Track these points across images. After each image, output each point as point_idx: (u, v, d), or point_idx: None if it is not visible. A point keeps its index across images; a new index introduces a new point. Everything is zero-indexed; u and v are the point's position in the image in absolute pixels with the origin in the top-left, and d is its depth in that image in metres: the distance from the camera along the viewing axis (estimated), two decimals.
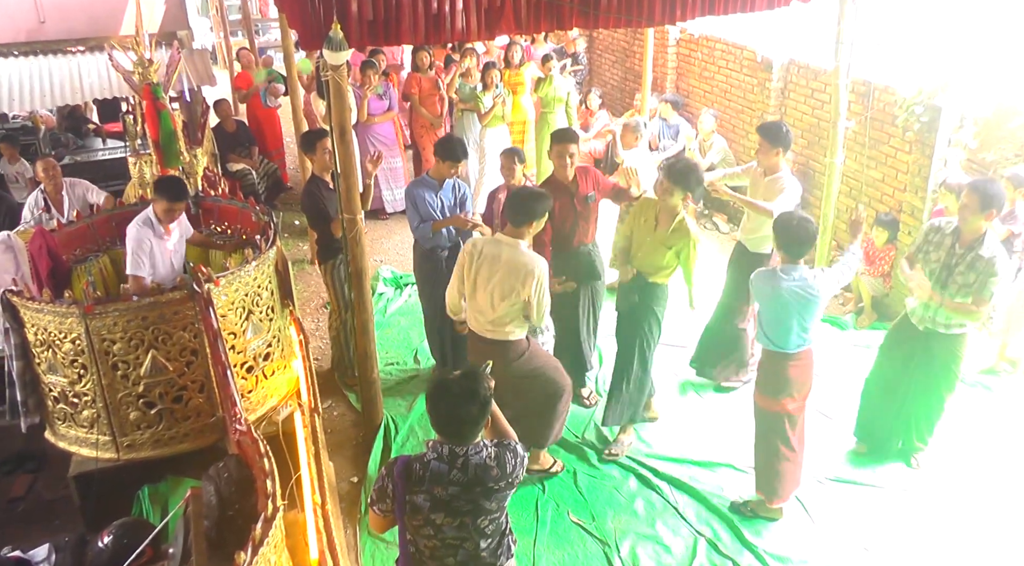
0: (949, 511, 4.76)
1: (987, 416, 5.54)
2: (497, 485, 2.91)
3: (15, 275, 4.65)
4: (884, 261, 6.76)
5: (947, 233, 4.59)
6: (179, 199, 4.64)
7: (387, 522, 3.09)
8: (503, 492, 2.95)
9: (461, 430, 2.89)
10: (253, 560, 2.30)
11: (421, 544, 3.01)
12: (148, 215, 4.65)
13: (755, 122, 8.69)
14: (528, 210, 4.36)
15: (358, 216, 4.90)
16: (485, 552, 3.03)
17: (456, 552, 3.00)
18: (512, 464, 2.94)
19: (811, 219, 4.30)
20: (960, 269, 4.49)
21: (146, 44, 5.08)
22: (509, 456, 2.95)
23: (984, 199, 4.31)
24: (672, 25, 8.96)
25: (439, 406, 2.89)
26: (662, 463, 5.18)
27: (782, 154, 5.41)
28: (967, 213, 4.40)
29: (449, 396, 2.88)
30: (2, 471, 5.01)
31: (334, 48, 4.24)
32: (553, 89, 8.87)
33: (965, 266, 4.46)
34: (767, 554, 4.45)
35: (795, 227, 4.21)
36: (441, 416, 2.90)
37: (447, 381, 2.92)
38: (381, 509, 3.01)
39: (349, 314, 5.58)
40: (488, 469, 2.89)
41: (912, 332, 4.80)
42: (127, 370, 3.82)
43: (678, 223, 4.82)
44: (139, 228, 4.63)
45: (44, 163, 6.36)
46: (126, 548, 3.15)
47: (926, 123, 6.24)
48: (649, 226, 4.93)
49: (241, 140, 9.41)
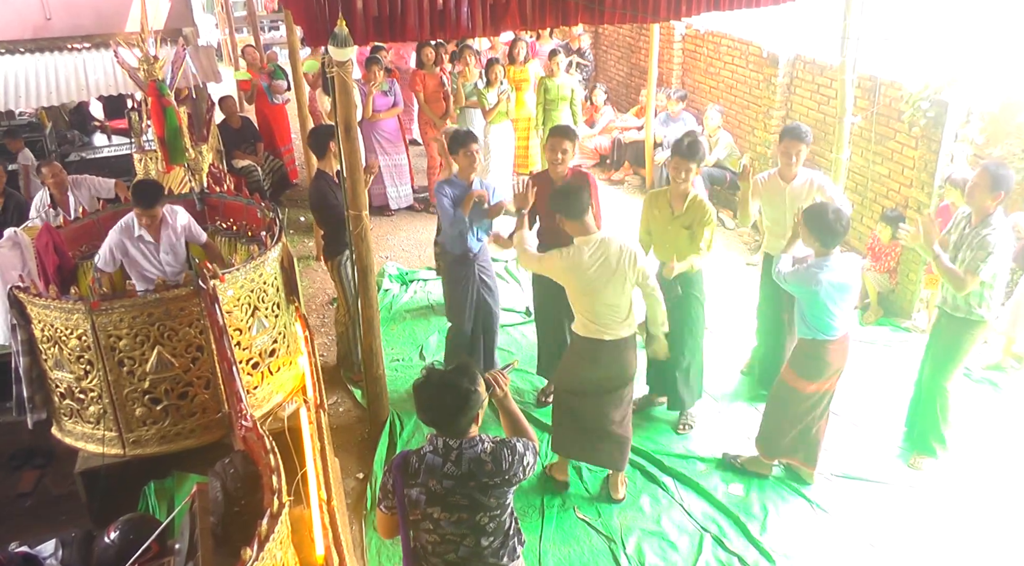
0: (955, 507, 4.75)
1: (993, 412, 5.53)
2: (492, 480, 2.89)
3: (22, 271, 4.68)
4: (890, 257, 6.74)
5: (963, 216, 4.76)
6: (150, 205, 4.64)
7: (394, 522, 3.07)
8: (500, 489, 2.93)
9: (440, 420, 2.90)
10: (259, 556, 2.30)
11: (423, 539, 3.02)
12: (129, 219, 4.71)
13: (761, 118, 8.68)
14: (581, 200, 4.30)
15: (363, 212, 4.90)
16: (487, 551, 3.01)
17: (457, 548, 2.99)
18: (510, 461, 2.92)
19: (844, 211, 4.38)
20: (963, 247, 4.60)
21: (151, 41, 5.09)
22: (507, 453, 2.93)
23: (995, 179, 4.44)
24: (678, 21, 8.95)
25: (420, 396, 2.93)
26: (668, 459, 5.18)
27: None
28: (976, 191, 4.53)
29: (429, 387, 2.90)
30: (10, 467, 5.03)
31: (339, 44, 4.24)
32: (557, 87, 8.85)
33: (966, 245, 4.58)
34: (773, 550, 4.45)
35: (831, 219, 4.29)
36: (422, 406, 2.93)
37: (431, 373, 2.94)
38: (387, 506, 3.02)
39: (356, 310, 5.56)
40: (482, 464, 2.89)
41: (936, 322, 4.99)
42: (133, 366, 3.83)
43: (691, 200, 4.89)
44: (117, 231, 4.73)
45: (50, 169, 6.38)
46: (132, 543, 3.16)
47: (932, 118, 6.22)
48: (665, 215, 4.96)
49: (246, 136, 9.42)
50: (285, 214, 9.22)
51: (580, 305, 4.45)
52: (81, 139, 9.53)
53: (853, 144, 6.91)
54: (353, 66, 4.65)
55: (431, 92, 9.17)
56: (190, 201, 5.18)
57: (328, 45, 4.29)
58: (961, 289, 4.55)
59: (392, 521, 3.05)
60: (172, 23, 8.21)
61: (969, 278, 4.50)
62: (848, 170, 6.72)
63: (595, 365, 4.54)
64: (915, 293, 6.66)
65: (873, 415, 5.53)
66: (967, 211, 4.76)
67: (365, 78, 8.53)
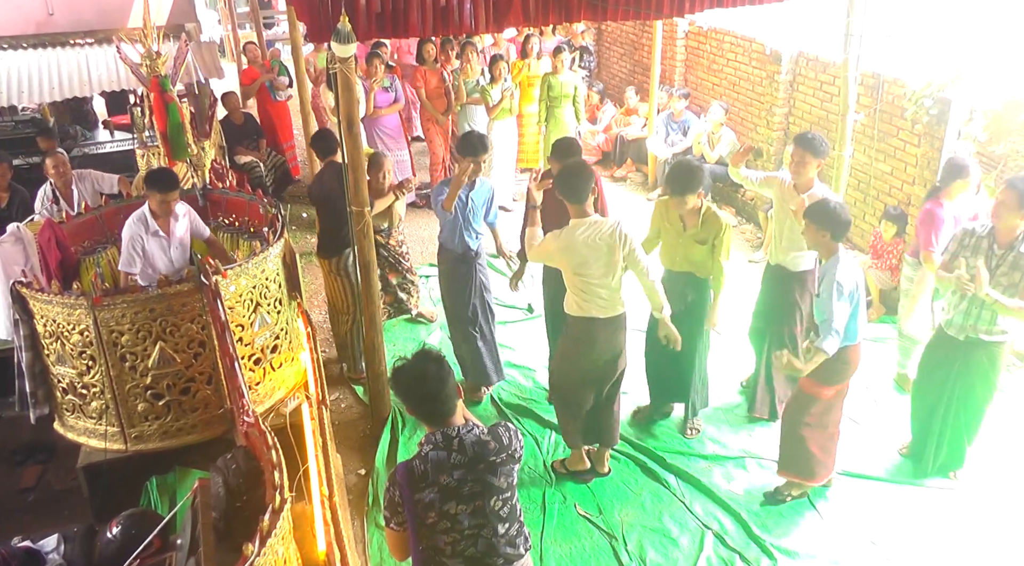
0: (956, 506, 4.75)
1: (996, 411, 5.51)
2: (499, 458, 2.93)
3: (24, 267, 4.67)
4: (892, 255, 6.73)
5: (983, 236, 4.42)
6: (170, 189, 4.62)
7: (405, 540, 3.01)
8: (507, 466, 2.96)
9: (431, 408, 2.92)
10: (261, 551, 2.31)
11: (440, 542, 2.97)
12: (143, 212, 4.68)
13: (764, 115, 8.67)
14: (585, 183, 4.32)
15: (365, 209, 4.90)
16: (504, 539, 3.02)
17: (476, 541, 2.98)
18: (507, 436, 2.97)
19: (844, 204, 4.29)
20: (1003, 270, 4.31)
21: (154, 36, 5.09)
22: (502, 430, 2.99)
23: (1023, 196, 4.17)
24: (681, 18, 8.96)
25: (403, 396, 2.96)
26: (670, 456, 5.18)
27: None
28: (1004, 211, 4.25)
29: (404, 385, 2.93)
30: (13, 462, 5.04)
31: (342, 41, 4.24)
32: (560, 84, 8.83)
33: (1008, 266, 4.30)
34: (774, 547, 4.46)
35: (836, 209, 4.21)
36: (410, 404, 2.96)
37: (396, 372, 2.96)
38: (397, 523, 2.96)
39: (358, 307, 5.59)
40: (485, 444, 2.92)
41: (950, 347, 4.65)
42: (135, 361, 3.83)
43: (706, 214, 4.84)
44: (133, 225, 4.67)
45: (54, 159, 6.37)
46: (134, 539, 3.17)
47: (935, 116, 6.21)
48: (677, 228, 4.93)
49: (249, 133, 9.41)
50: (287, 210, 9.21)
51: (573, 284, 4.49)
52: (83, 135, 9.52)
53: (856, 141, 6.90)
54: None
55: (433, 88, 9.16)
56: (193, 197, 5.19)
57: (331, 41, 4.29)
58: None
59: (404, 538, 3.00)
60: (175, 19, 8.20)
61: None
62: (851, 167, 6.70)
63: (591, 346, 4.58)
64: None
65: (874, 413, 5.53)
66: (971, 228, 4.50)
67: (366, 74, 8.52)
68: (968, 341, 4.55)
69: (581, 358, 4.65)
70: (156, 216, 4.67)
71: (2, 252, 4.81)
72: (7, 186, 6.75)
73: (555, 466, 5.12)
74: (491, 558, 3.02)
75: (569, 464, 5.08)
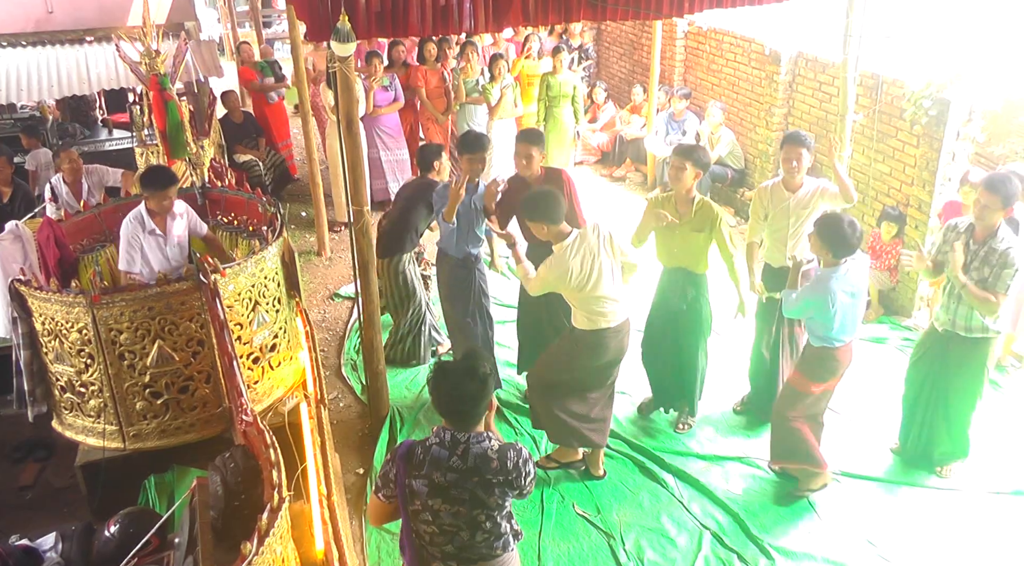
0: (954, 506, 4.75)
1: (993, 411, 5.52)
2: (495, 478, 2.91)
3: (23, 265, 4.67)
4: (891, 255, 6.74)
5: (961, 231, 4.58)
6: (165, 187, 4.61)
7: (387, 511, 3.12)
8: (501, 488, 2.93)
9: (462, 409, 2.92)
10: (259, 550, 2.31)
11: (421, 530, 3.04)
12: (140, 211, 4.67)
13: (763, 115, 8.67)
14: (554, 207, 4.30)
15: (365, 208, 4.91)
16: (482, 543, 3.03)
17: (452, 539, 3.01)
18: (514, 462, 2.93)
19: (858, 223, 4.31)
20: (975, 264, 4.45)
21: (153, 35, 5.09)
22: (512, 454, 2.95)
23: (1005, 197, 4.28)
24: (680, 18, 8.96)
25: (440, 387, 2.95)
26: (668, 456, 5.19)
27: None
28: (987, 212, 4.36)
29: (450, 375, 2.94)
30: (11, 460, 5.04)
31: (342, 40, 4.24)
32: (559, 84, 8.83)
33: (979, 261, 4.44)
34: (772, 547, 4.46)
35: (847, 231, 4.23)
36: (442, 396, 2.95)
37: (447, 363, 3.01)
38: (385, 494, 3.05)
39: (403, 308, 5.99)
40: (488, 460, 2.91)
41: (937, 341, 4.78)
42: (133, 360, 3.83)
43: (699, 204, 4.90)
44: (130, 225, 4.67)
45: (67, 155, 6.53)
46: (132, 537, 3.17)
47: (934, 117, 6.21)
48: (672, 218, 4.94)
49: (248, 131, 9.41)
50: (286, 209, 9.21)
51: (578, 302, 4.47)
52: (83, 132, 9.52)
53: (855, 142, 6.91)
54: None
55: (432, 88, 9.15)
56: (192, 196, 5.18)
57: (331, 40, 4.29)
58: (993, 312, 4.43)
59: (385, 509, 3.10)
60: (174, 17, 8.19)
61: (1001, 299, 4.36)
62: (849, 168, 6.70)
63: (595, 354, 4.59)
64: (915, 291, 6.66)
65: (872, 413, 5.53)
66: (954, 223, 4.65)
67: (365, 72, 8.51)
68: (946, 335, 4.71)
69: (580, 363, 4.64)
70: (154, 215, 4.67)
71: (1, 250, 4.82)
72: (9, 180, 6.77)
73: (542, 463, 5.04)
74: (465, 554, 3.05)
75: (560, 457, 5.06)
